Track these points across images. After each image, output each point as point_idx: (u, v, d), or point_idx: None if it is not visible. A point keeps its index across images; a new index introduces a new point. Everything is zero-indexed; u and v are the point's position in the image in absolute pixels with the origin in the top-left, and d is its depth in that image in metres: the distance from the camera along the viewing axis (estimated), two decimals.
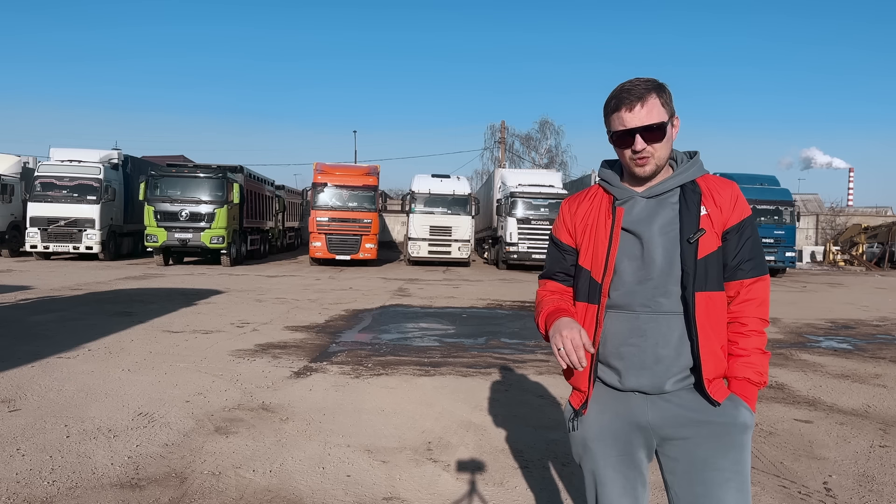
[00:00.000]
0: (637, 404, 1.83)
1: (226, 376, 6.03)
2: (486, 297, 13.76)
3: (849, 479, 3.86)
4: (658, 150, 1.79)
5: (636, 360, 1.80)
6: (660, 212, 1.82)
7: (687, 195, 1.82)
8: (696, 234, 1.77)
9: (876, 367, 7.27)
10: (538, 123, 51.18)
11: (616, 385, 1.85)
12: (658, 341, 1.78)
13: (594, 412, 1.89)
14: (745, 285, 1.83)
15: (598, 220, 1.88)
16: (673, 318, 1.78)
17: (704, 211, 1.81)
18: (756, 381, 1.82)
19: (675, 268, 1.78)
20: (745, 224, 1.83)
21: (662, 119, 1.77)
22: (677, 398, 1.81)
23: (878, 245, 30.04)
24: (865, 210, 46.37)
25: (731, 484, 1.78)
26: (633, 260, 1.81)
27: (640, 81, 1.79)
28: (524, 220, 21.87)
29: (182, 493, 3.43)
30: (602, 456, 1.88)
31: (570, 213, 1.98)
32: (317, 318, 9.89)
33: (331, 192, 22.30)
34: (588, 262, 1.88)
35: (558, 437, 4.48)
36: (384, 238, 32.69)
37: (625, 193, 1.86)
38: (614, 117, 1.80)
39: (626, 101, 1.76)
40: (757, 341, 1.82)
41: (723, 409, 1.79)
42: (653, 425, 1.83)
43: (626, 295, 1.81)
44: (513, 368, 6.67)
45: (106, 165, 21.83)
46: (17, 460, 3.83)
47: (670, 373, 1.78)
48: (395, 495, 3.50)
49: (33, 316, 9.36)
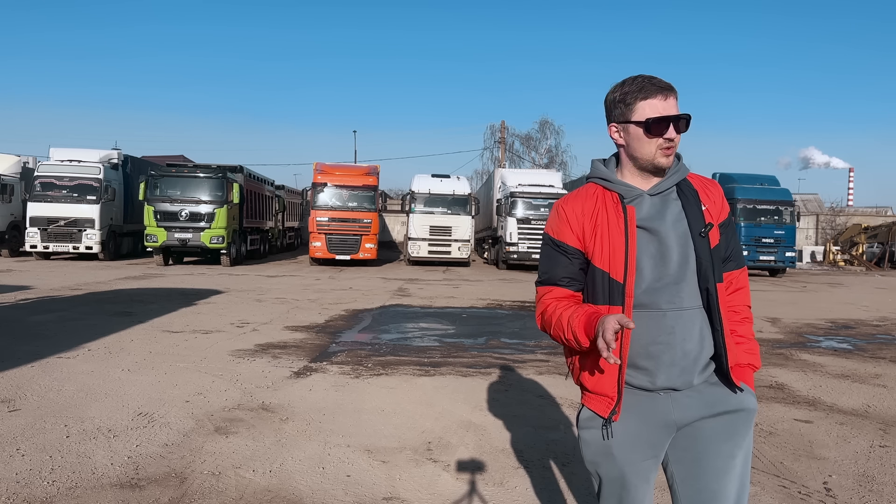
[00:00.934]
0: (663, 405, 1.83)
1: (226, 376, 6.03)
2: (486, 297, 13.76)
3: (849, 479, 3.86)
4: (678, 144, 1.82)
5: (667, 358, 1.79)
6: (665, 208, 1.84)
7: (685, 192, 1.86)
8: (707, 227, 1.82)
9: (876, 367, 7.27)
10: (538, 123, 51.19)
11: (646, 386, 1.82)
12: (685, 336, 1.79)
13: (620, 418, 1.85)
14: (735, 276, 1.93)
15: (609, 220, 1.83)
16: (694, 311, 1.81)
17: (704, 206, 1.86)
18: (757, 365, 1.91)
19: (691, 261, 1.80)
20: (730, 218, 1.94)
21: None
22: (698, 391, 1.83)
23: (878, 245, 30.06)
24: (865, 210, 46.38)
25: (735, 470, 1.84)
26: (651, 257, 1.81)
27: (656, 77, 1.81)
28: (524, 220, 21.87)
29: (182, 493, 3.43)
30: (628, 462, 1.83)
31: (573, 213, 1.88)
32: (317, 318, 9.89)
33: (331, 192, 22.30)
34: (605, 263, 1.82)
35: (558, 437, 4.48)
36: (384, 238, 32.69)
37: (632, 191, 1.84)
38: (644, 105, 1.77)
39: (662, 90, 1.77)
40: (749, 327, 1.94)
41: (737, 395, 1.84)
42: (677, 422, 1.84)
43: (649, 293, 1.80)
44: (513, 368, 6.67)
45: (106, 165, 21.82)
46: (17, 460, 3.83)
47: (698, 367, 1.81)
48: (394, 495, 3.50)
49: (33, 316, 9.36)
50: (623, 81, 1.82)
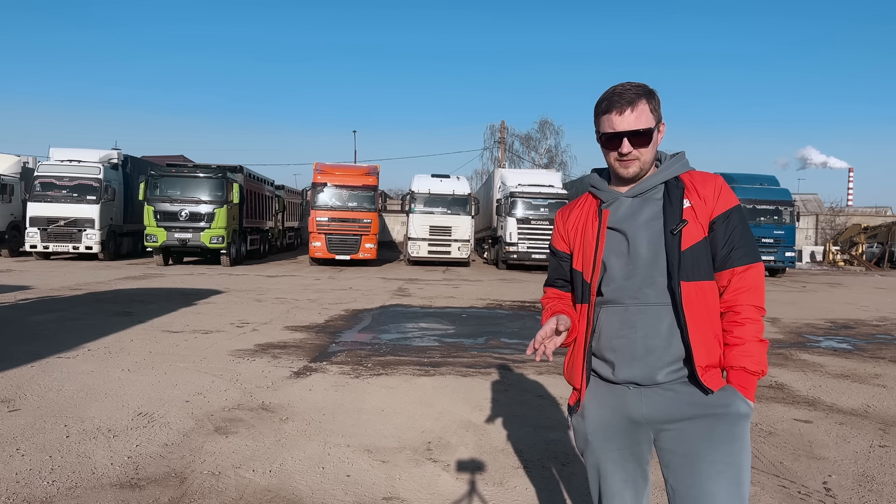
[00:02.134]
0: (631, 398, 1.86)
1: (225, 376, 6.03)
2: (486, 296, 13.76)
3: (848, 479, 3.86)
4: (644, 154, 1.86)
5: (627, 352, 1.84)
6: (644, 208, 1.88)
7: (670, 190, 1.88)
8: (679, 224, 1.81)
9: (875, 366, 7.27)
10: (538, 123, 51.24)
11: (610, 378, 1.89)
12: (647, 332, 1.82)
13: (594, 407, 1.93)
14: (737, 273, 1.83)
15: (587, 224, 1.95)
16: (661, 308, 1.82)
17: (688, 203, 1.85)
18: (753, 369, 1.80)
19: (661, 259, 1.82)
20: (732, 213, 1.86)
21: (650, 125, 1.84)
22: (671, 390, 1.83)
23: (878, 245, 30.06)
24: (865, 210, 46.33)
25: (723, 476, 1.78)
26: (620, 256, 1.87)
27: (630, 86, 1.84)
28: (524, 219, 21.89)
29: (182, 493, 3.43)
30: (602, 450, 1.92)
31: (562, 221, 2.06)
32: (316, 318, 9.89)
33: (330, 191, 22.31)
34: (580, 264, 1.95)
35: (558, 437, 4.48)
36: (384, 238, 32.69)
37: (610, 196, 1.93)
38: (604, 119, 1.86)
39: (617, 105, 1.83)
40: (752, 329, 1.82)
41: (716, 399, 1.80)
42: (647, 418, 1.85)
43: (616, 290, 1.87)
44: (513, 368, 6.68)
45: (106, 165, 21.82)
46: (17, 460, 3.83)
47: (661, 363, 1.81)
48: (394, 495, 3.50)
49: (33, 316, 9.36)
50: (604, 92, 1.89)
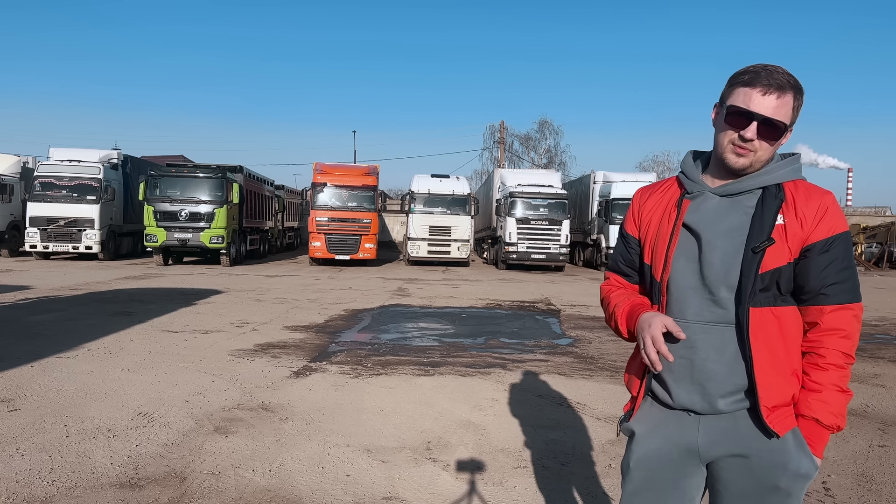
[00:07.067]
0: (688, 425, 1.66)
1: (225, 376, 6.03)
2: (486, 296, 13.76)
3: (848, 479, 3.87)
4: (763, 150, 1.60)
5: (685, 375, 1.63)
6: (730, 214, 1.63)
7: (767, 199, 1.61)
8: (764, 243, 1.57)
9: (875, 366, 7.28)
10: (537, 123, 51.40)
11: (667, 402, 1.69)
12: (709, 355, 1.61)
13: (643, 433, 1.74)
14: (826, 312, 1.59)
15: (664, 214, 1.73)
16: (726, 331, 1.61)
17: (781, 220, 1.59)
18: (827, 423, 1.58)
19: (732, 277, 1.59)
20: (834, 242, 1.58)
21: (786, 120, 1.58)
22: (733, 420, 1.63)
23: (877, 245, 30.06)
24: (864, 210, 46.30)
25: None
26: (689, 261, 1.65)
27: (784, 71, 1.58)
28: (523, 219, 21.89)
29: (182, 493, 3.43)
30: (644, 483, 1.72)
31: (639, 203, 1.82)
32: (316, 318, 9.89)
33: (330, 192, 22.31)
34: (649, 257, 1.75)
35: (558, 437, 4.49)
36: (384, 238, 32.70)
37: (696, 187, 1.69)
38: (740, 92, 1.58)
39: (765, 83, 1.56)
40: (835, 377, 1.59)
41: (780, 446, 1.59)
42: (702, 448, 1.65)
43: (679, 300, 1.66)
44: (512, 368, 6.68)
45: (105, 165, 21.81)
46: (17, 460, 3.83)
47: (723, 391, 1.61)
48: (394, 495, 3.51)
49: (33, 316, 9.36)
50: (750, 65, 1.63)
